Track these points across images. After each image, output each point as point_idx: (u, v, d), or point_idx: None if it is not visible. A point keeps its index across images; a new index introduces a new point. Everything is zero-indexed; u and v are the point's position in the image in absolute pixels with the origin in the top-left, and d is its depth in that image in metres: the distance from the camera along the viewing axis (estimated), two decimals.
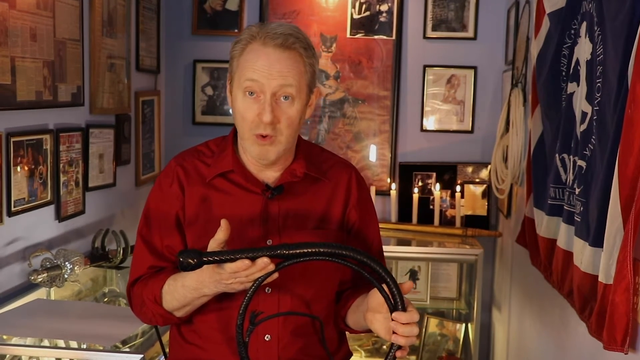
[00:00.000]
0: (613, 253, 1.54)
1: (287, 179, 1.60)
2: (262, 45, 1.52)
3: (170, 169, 1.65)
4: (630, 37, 1.52)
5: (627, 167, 1.47)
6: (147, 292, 1.59)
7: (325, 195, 1.64)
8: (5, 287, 2.31)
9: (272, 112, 1.50)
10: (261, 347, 1.57)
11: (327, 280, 1.64)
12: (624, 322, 1.48)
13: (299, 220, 1.60)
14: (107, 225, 3.00)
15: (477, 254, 3.38)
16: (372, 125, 3.82)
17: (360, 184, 1.70)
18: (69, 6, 2.59)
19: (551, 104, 2.29)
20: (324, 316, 1.65)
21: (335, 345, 1.71)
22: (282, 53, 1.51)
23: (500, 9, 3.71)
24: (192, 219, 1.60)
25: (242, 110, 1.53)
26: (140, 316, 1.66)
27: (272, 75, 1.50)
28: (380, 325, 1.45)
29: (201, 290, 1.49)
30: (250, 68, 1.51)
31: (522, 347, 2.99)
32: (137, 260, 1.66)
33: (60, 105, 2.57)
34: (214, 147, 1.67)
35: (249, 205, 1.59)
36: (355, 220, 1.67)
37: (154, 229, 1.64)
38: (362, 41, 3.78)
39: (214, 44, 3.82)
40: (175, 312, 1.58)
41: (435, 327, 3.72)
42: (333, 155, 1.74)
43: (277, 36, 1.51)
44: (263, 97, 1.51)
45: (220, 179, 1.61)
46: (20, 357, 2.08)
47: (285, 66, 1.51)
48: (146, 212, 1.67)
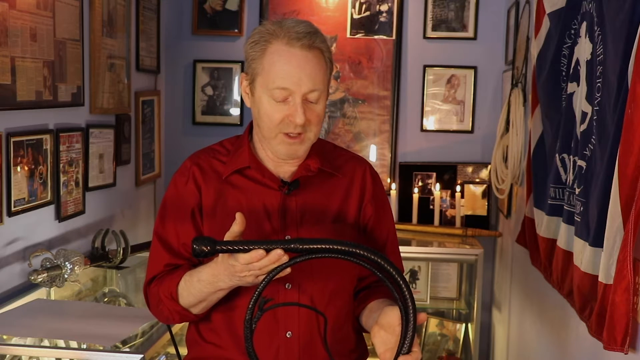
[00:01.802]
0: (613, 253, 1.54)
1: (302, 173, 1.61)
2: (287, 46, 1.50)
3: (185, 169, 1.65)
4: (630, 37, 1.52)
5: (627, 167, 1.47)
6: (164, 289, 1.58)
7: (341, 191, 1.65)
8: (5, 287, 2.31)
9: (304, 114, 1.51)
10: (283, 343, 1.57)
11: (347, 274, 1.64)
12: (624, 322, 1.48)
13: (316, 215, 1.61)
14: (107, 225, 3.00)
15: (477, 254, 3.38)
16: (372, 125, 3.82)
17: (375, 179, 1.71)
18: (69, 6, 2.59)
19: (551, 104, 2.29)
20: (345, 312, 1.65)
21: (353, 343, 1.70)
22: (309, 53, 1.50)
23: (500, 9, 3.71)
24: (209, 214, 1.61)
25: (270, 112, 1.53)
26: (157, 315, 1.66)
27: (302, 80, 1.50)
28: (380, 341, 1.44)
29: (216, 284, 1.49)
30: (280, 76, 1.50)
31: (522, 347, 2.99)
32: (153, 259, 1.66)
33: (60, 105, 2.57)
34: (229, 145, 1.67)
35: (266, 200, 1.59)
36: (371, 215, 1.68)
37: (169, 227, 1.64)
38: (362, 41, 3.78)
39: (214, 44, 3.82)
40: (191, 308, 1.57)
41: (435, 327, 3.72)
42: (346, 151, 1.75)
43: (301, 36, 1.50)
44: (292, 99, 1.51)
45: (237, 176, 1.61)
46: (20, 357, 2.08)
47: (313, 68, 1.51)
48: (162, 211, 1.67)
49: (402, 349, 1.38)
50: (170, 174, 1.72)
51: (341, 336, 1.66)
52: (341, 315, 1.65)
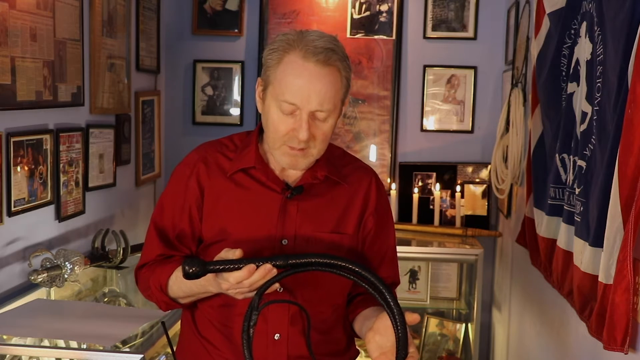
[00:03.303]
0: (613, 253, 1.54)
1: (308, 180, 1.60)
2: (302, 59, 1.48)
3: (191, 161, 1.65)
4: (630, 37, 1.52)
5: (627, 167, 1.47)
6: (154, 279, 1.60)
7: (343, 200, 1.64)
8: (5, 287, 2.31)
9: (309, 130, 1.49)
10: (271, 345, 1.58)
11: (337, 282, 1.63)
12: (624, 322, 1.48)
13: (315, 223, 1.60)
14: (107, 225, 3.00)
15: (477, 254, 3.38)
16: (372, 125, 3.82)
17: (380, 191, 1.69)
18: (69, 6, 2.59)
19: (551, 104, 2.29)
20: (336, 316, 1.66)
21: (343, 345, 1.70)
22: (322, 70, 1.48)
23: (500, 9, 3.71)
24: (209, 212, 1.61)
25: (276, 123, 1.52)
26: (146, 297, 1.68)
27: (311, 96, 1.47)
28: (375, 346, 1.44)
29: (207, 287, 1.51)
30: (290, 89, 1.48)
31: (522, 347, 2.99)
32: (147, 246, 1.67)
33: (60, 105, 2.57)
34: (238, 141, 1.66)
35: (267, 203, 1.59)
36: (372, 227, 1.66)
37: (166, 219, 1.64)
38: (362, 41, 3.78)
39: (214, 44, 3.82)
40: (180, 299, 1.60)
41: (435, 327, 3.72)
42: (355, 159, 1.74)
43: (318, 51, 1.47)
44: (299, 113, 1.49)
45: (241, 174, 1.61)
46: (20, 357, 2.08)
47: (325, 85, 1.48)
48: (161, 201, 1.68)
49: (400, 353, 1.39)
50: (170, 174, 1.72)
51: (332, 338, 1.66)
52: (332, 318, 1.65)
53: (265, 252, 1.55)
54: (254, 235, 1.56)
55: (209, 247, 1.58)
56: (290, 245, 1.58)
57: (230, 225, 1.57)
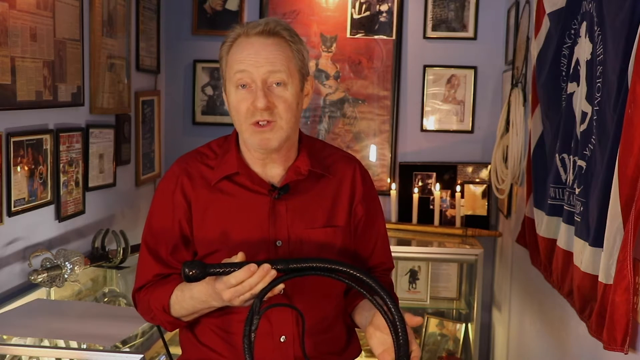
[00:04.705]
0: (613, 253, 1.54)
1: (292, 177, 1.59)
2: (245, 37, 1.53)
3: (173, 175, 1.63)
4: (630, 37, 1.52)
5: (627, 167, 1.47)
6: (155, 301, 1.59)
7: (330, 192, 1.64)
8: (5, 287, 2.31)
9: (266, 97, 1.49)
10: (277, 348, 1.58)
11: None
12: (624, 322, 1.48)
13: (306, 219, 1.60)
14: (107, 225, 3.00)
15: (477, 254, 3.38)
16: (372, 125, 3.82)
17: (364, 178, 1.70)
18: (69, 6, 2.59)
19: (551, 104, 2.29)
20: (335, 313, 1.66)
21: (343, 342, 1.70)
22: (267, 39, 1.51)
23: (500, 9, 3.71)
24: (199, 223, 1.59)
25: (236, 103, 1.53)
26: (147, 320, 1.68)
27: (259, 62, 1.50)
28: (378, 342, 1.45)
29: (209, 302, 1.50)
30: (237, 60, 1.51)
31: (522, 347, 2.99)
32: (142, 268, 1.65)
33: (60, 105, 2.57)
34: (216, 148, 1.65)
35: (256, 207, 1.58)
36: (362, 215, 1.67)
37: (158, 239, 1.63)
38: (362, 41, 3.78)
39: (214, 44, 3.78)
40: (183, 318, 1.59)
41: (435, 327, 3.72)
42: (336, 149, 1.74)
43: (258, 24, 1.52)
44: (254, 86, 1.50)
45: (226, 182, 1.59)
46: (20, 357, 2.08)
47: (271, 52, 1.51)
48: (149, 220, 1.65)
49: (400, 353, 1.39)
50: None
51: (332, 336, 1.66)
52: (333, 314, 1.65)
53: (261, 256, 1.54)
54: (247, 241, 1.55)
55: (205, 259, 1.56)
56: (285, 247, 1.57)
57: (223, 235, 1.55)
